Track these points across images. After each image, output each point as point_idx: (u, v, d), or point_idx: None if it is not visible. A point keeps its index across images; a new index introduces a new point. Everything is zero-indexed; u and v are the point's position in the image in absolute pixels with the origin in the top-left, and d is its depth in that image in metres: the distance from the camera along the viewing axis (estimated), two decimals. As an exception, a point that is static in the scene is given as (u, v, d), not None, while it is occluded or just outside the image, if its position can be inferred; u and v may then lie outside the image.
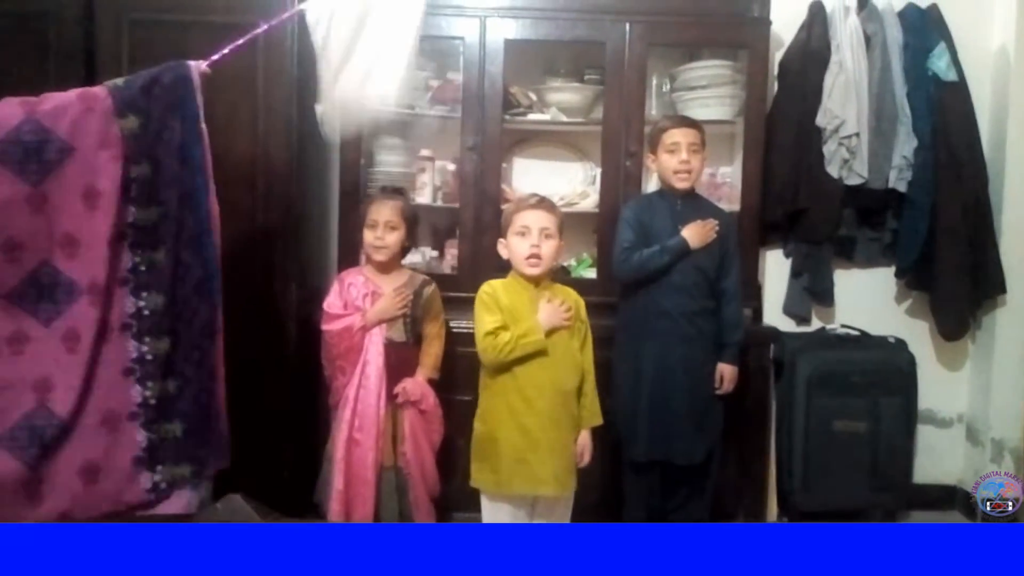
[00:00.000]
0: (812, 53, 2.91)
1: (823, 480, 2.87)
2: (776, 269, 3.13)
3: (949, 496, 3.16)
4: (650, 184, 2.89)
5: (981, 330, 3.12)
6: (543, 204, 2.24)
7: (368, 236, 2.38)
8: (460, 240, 2.87)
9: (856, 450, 2.86)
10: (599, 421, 2.30)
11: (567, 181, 3.08)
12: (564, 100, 2.97)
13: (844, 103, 2.85)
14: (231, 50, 1.94)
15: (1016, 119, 2.99)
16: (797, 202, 2.93)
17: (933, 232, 2.91)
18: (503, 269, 2.38)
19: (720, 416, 2.54)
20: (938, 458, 3.17)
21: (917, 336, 3.12)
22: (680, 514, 2.59)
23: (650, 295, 2.46)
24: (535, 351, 2.16)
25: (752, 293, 2.86)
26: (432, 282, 2.48)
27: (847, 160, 2.88)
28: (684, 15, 2.80)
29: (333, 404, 2.38)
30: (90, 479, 1.77)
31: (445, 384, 2.49)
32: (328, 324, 2.35)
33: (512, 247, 2.23)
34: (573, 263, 3.02)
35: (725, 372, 2.52)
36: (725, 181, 3.07)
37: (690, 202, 2.53)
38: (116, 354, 1.80)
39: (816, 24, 2.93)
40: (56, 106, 1.74)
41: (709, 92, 2.89)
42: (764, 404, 2.92)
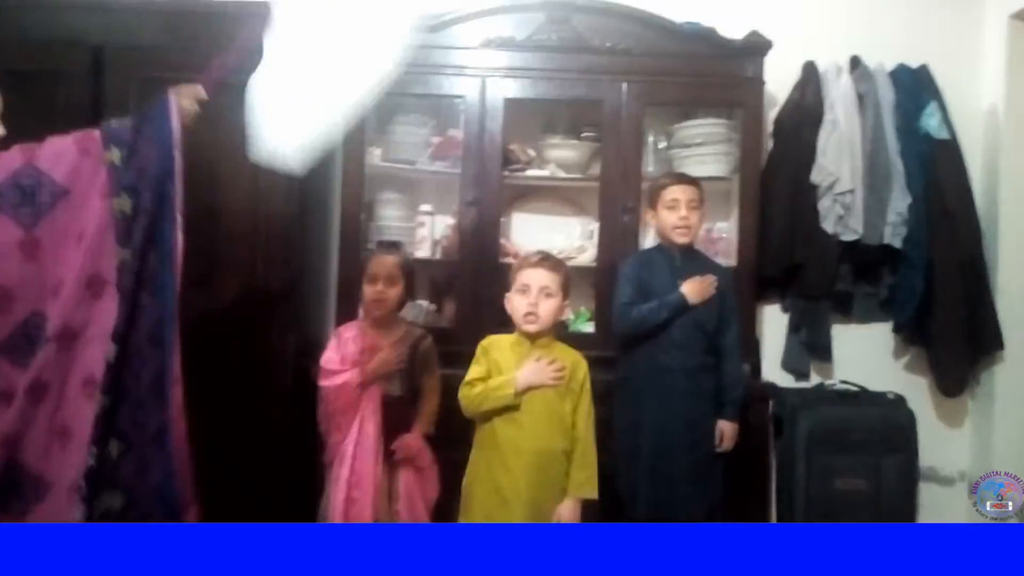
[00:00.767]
0: (806, 111, 2.97)
1: (825, 539, 2.82)
2: (774, 324, 3.14)
3: (954, 555, 3.11)
4: (647, 239, 2.91)
5: (980, 386, 3.11)
6: (545, 263, 2.25)
7: (368, 291, 2.39)
8: (459, 294, 2.88)
9: (858, 509, 2.81)
10: (590, 493, 2.19)
11: (565, 236, 3.10)
12: (562, 156, 3.02)
13: (838, 160, 2.90)
14: (219, 66, 1.92)
15: (1008, 176, 3.04)
16: (794, 257, 2.96)
17: (930, 288, 2.92)
18: (502, 324, 2.38)
19: (720, 475, 2.51)
20: (941, 517, 3.12)
21: (916, 392, 3.11)
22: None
23: (649, 351, 2.46)
24: (504, 405, 2.14)
25: (750, 348, 2.86)
26: (428, 335, 2.48)
27: (842, 216, 2.91)
28: (679, 75, 2.86)
29: (328, 462, 2.35)
30: None
31: (441, 440, 2.46)
32: (326, 380, 2.33)
33: (512, 304, 2.24)
34: (571, 317, 3.02)
35: (725, 429, 2.50)
36: (721, 236, 3.09)
37: (689, 258, 2.55)
38: (91, 413, 1.68)
39: (809, 83, 3.00)
40: (53, 150, 1.73)
41: (705, 149, 2.94)
42: (764, 461, 2.90)
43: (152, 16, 2.59)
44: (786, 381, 3.11)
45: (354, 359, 2.34)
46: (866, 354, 3.14)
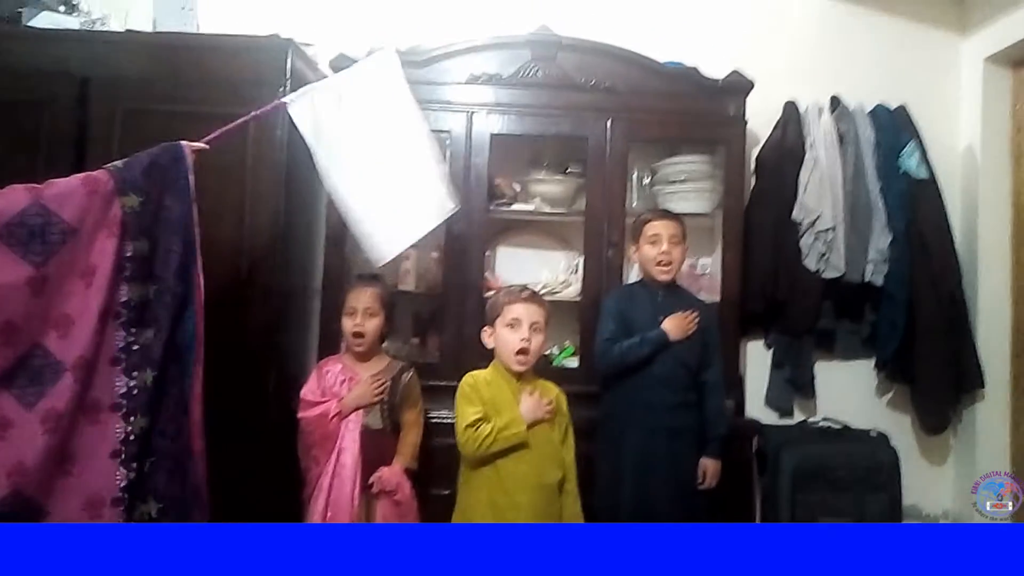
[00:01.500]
0: (787, 150, 3.01)
1: (809, 578, 2.80)
2: (757, 360, 3.15)
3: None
4: (632, 274, 2.92)
5: (962, 424, 3.12)
6: (534, 298, 2.26)
7: (347, 324, 2.38)
8: (443, 328, 2.87)
9: (842, 547, 2.80)
10: (580, 519, 2.25)
11: (550, 270, 3.11)
12: (548, 191, 3.03)
13: (819, 198, 2.93)
14: (224, 132, 2.04)
15: (986, 215, 3.09)
16: (776, 294, 2.97)
17: (911, 325, 2.95)
18: (486, 358, 2.37)
19: (703, 513, 2.48)
20: (925, 555, 3.11)
21: (899, 429, 3.12)
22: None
23: (631, 387, 2.46)
24: (516, 444, 2.13)
25: (733, 385, 2.86)
26: (411, 368, 2.46)
27: (824, 254, 2.94)
28: (663, 113, 2.89)
29: (307, 496, 2.32)
30: None
31: (422, 477, 2.43)
32: (304, 411, 2.32)
33: (500, 338, 2.23)
34: (555, 352, 3.02)
35: (708, 467, 2.48)
36: (705, 272, 3.11)
37: (671, 294, 2.56)
38: (104, 436, 1.78)
39: (791, 122, 3.04)
40: (61, 191, 1.78)
41: (688, 186, 2.97)
42: (748, 498, 2.88)
43: (137, 48, 2.60)
44: (769, 418, 3.11)
45: (333, 391, 2.33)
46: (849, 391, 3.15)
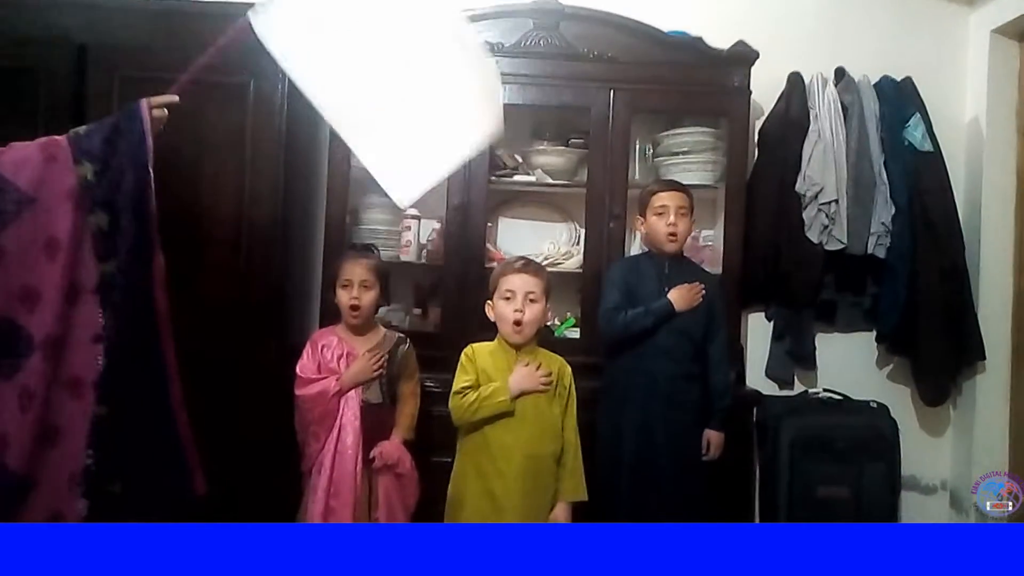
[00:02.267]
0: (791, 122, 2.99)
1: (808, 547, 2.83)
2: (758, 332, 3.15)
3: (935, 565, 3.12)
4: (634, 246, 2.91)
5: (962, 396, 3.13)
6: (529, 268, 2.25)
7: (343, 296, 2.34)
8: (443, 299, 2.87)
9: (840, 516, 2.82)
10: (581, 496, 2.24)
11: (551, 241, 3.10)
12: (549, 163, 3.02)
13: (823, 170, 2.92)
14: (194, 72, 1.87)
15: (990, 188, 3.07)
16: (778, 266, 2.97)
17: (913, 298, 2.94)
18: (487, 329, 2.37)
19: (703, 483, 2.50)
20: (923, 525, 3.14)
21: (899, 401, 3.13)
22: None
23: (635, 358, 2.46)
24: (500, 412, 2.14)
25: (735, 356, 2.86)
26: (407, 340, 2.45)
27: (827, 226, 2.93)
28: (667, 84, 2.86)
29: (305, 470, 2.31)
30: None
31: (424, 445, 2.44)
32: (302, 389, 2.29)
33: (497, 310, 2.24)
34: (557, 323, 3.02)
35: (712, 439, 2.50)
36: (707, 244, 3.10)
37: (677, 265, 2.55)
38: (85, 412, 1.76)
39: (795, 94, 3.01)
40: (17, 157, 1.71)
41: (691, 158, 2.95)
42: (747, 469, 2.90)
43: (135, 14, 2.57)
44: (770, 389, 3.12)
45: (330, 367, 2.31)
46: (849, 363, 3.15)
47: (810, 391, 3.11)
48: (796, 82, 3.03)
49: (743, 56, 2.84)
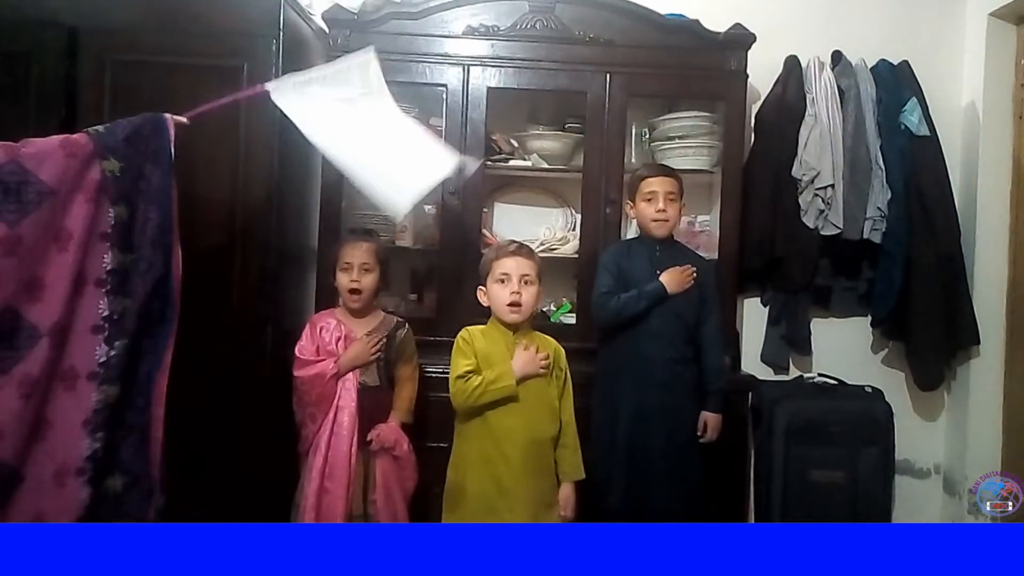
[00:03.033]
0: (788, 106, 2.98)
1: (802, 531, 2.84)
2: (754, 317, 3.16)
3: (928, 548, 3.15)
4: (630, 231, 2.91)
5: (956, 381, 3.15)
6: (522, 251, 2.25)
7: (343, 279, 2.35)
8: (439, 284, 2.87)
9: (834, 500, 2.84)
10: (581, 475, 2.26)
11: (547, 227, 3.10)
12: (545, 147, 3.01)
13: (819, 155, 2.91)
14: (211, 108, 2.03)
15: (986, 173, 3.07)
16: (774, 251, 2.97)
17: (908, 283, 2.95)
18: (482, 314, 2.37)
19: (698, 466, 2.51)
20: (916, 509, 3.16)
21: (893, 386, 3.14)
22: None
23: (628, 341, 2.46)
24: (505, 397, 2.14)
25: (730, 341, 2.87)
26: (405, 324, 2.46)
27: (822, 211, 2.93)
28: (663, 67, 2.85)
29: (303, 451, 2.33)
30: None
31: (420, 431, 2.45)
32: (300, 370, 2.31)
33: (492, 294, 2.23)
34: (552, 309, 3.02)
35: (709, 421, 2.51)
36: (704, 229, 3.10)
37: (669, 249, 2.55)
38: (79, 404, 1.76)
39: (792, 78, 3.00)
40: (39, 151, 1.75)
41: (687, 142, 2.94)
42: (742, 453, 2.91)
43: (128, -3, 2.54)
44: (765, 374, 3.13)
45: (329, 349, 2.32)
46: (844, 348, 3.16)
47: (805, 376, 3.12)
48: (793, 66, 3.02)
49: (740, 39, 2.83)
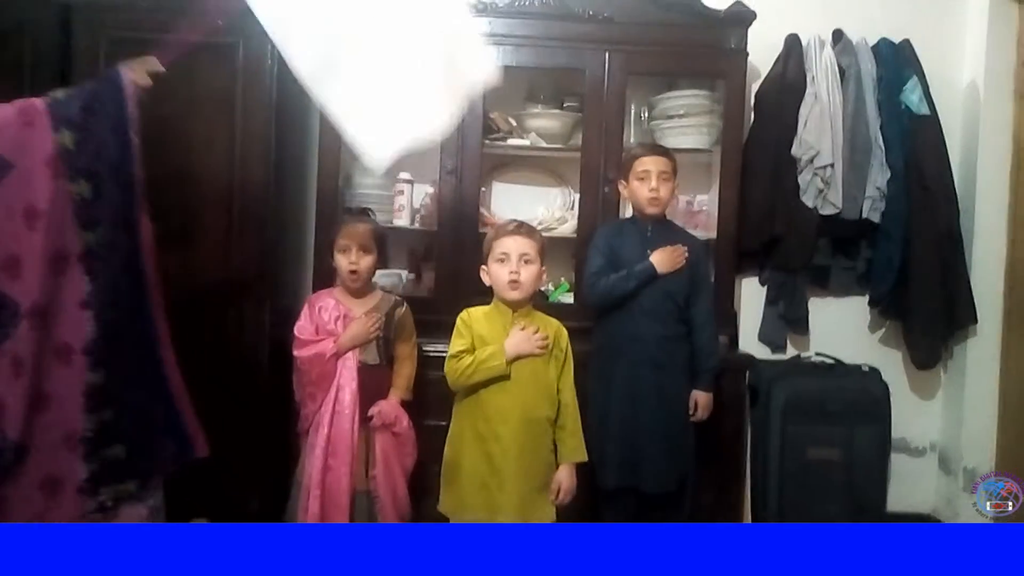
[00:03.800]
0: (788, 84, 2.96)
1: (797, 508, 2.86)
2: (752, 297, 3.16)
3: (922, 525, 3.18)
4: (628, 210, 2.90)
5: (953, 359, 3.15)
6: (522, 230, 2.24)
7: (341, 261, 2.34)
8: (437, 263, 2.86)
9: (831, 478, 2.86)
10: (582, 457, 2.26)
11: (546, 206, 3.09)
12: (544, 126, 2.99)
13: (819, 134, 2.89)
14: (182, 46, 1.87)
15: (986, 153, 3.06)
16: (773, 230, 2.96)
17: (906, 262, 2.94)
18: (481, 293, 2.37)
19: (691, 443, 2.52)
20: (911, 487, 3.18)
21: (890, 364, 3.14)
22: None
23: (621, 320, 2.46)
24: (496, 376, 2.15)
25: (728, 320, 2.87)
26: (404, 303, 2.46)
27: (822, 190, 2.92)
28: (662, 45, 2.83)
29: (303, 430, 2.34)
30: (51, 493, 1.75)
31: (419, 408, 2.46)
32: (299, 350, 2.31)
33: (493, 273, 2.23)
34: (551, 288, 3.02)
35: (699, 399, 2.51)
36: (702, 209, 3.09)
37: (661, 228, 2.54)
38: (77, 378, 1.77)
39: (792, 56, 2.98)
40: None
41: (687, 121, 2.92)
42: (739, 431, 2.92)
43: (122, -28, 2.52)
44: (763, 353, 3.13)
45: (328, 329, 2.32)
46: (842, 327, 3.17)
47: (802, 355, 3.13)
48: (793, 44, 3.00)
49: (740, 17, 2.81)
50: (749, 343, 3.13)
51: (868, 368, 3.04)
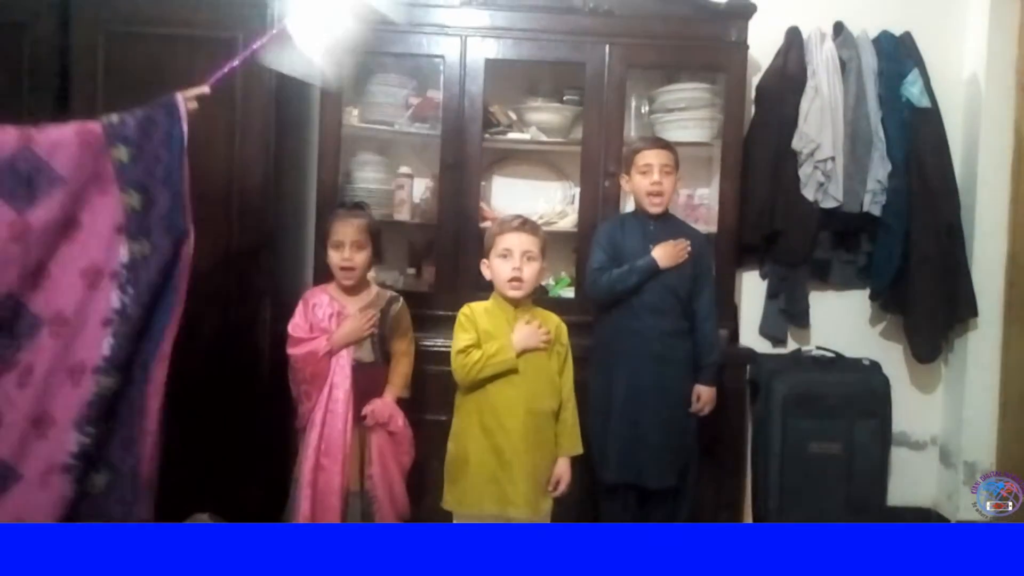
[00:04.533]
0: (789, 78, 2.95)
1: (798, 502, 2.87)
2: (753, 291, 3.16)
3: (923, 519, 3.18)
4: (628, 204, 2.89)
5: (953, 353, 3.16)
6: (526, 226, 2.23)
7: (334, 257, 2.30)
8: (437, 258, 2.86)
9: (831, 472, 2.86)
10: (579, 450, 2.27)
11: (546, 200, 3.08)
12: (544, 120, 2.98)
13: (820, 127, 2.89)
14: (229, 72, 1.97)
15: (987, 146, 3.05)
16: (773, 224, 2.96)
17: (907, 256, 2.94)
18: (481, 288, 2.36)
19: (693, 439, 2.52)
20: (912, 481, 3.19)
21: (891, 358, 3.15)
22: (656, 537, 2.57)
23: (622, 315, 2.46)
24: (505, 370, 2.15)
25: (729, 314, 2.87)
26: (400, 298, 2.42)
27: (822, 183, 2.91)
28: (663, 38, 2.82)
29: (300, 427, 2.32)
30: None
31: (419, 404, 2.45)
32: (293, 348, 2.28)
33: (495, 269, 2.22)
34: (551, 282, 3.01)
35: (702, 393, 2.51)
36: (703, 203, 3.09)
37: (663, 223, 2.53)
38: (77, 398, 1.73)
39: (793, 49, 2.97)
40: (53, 139, 1.73)
41: (687, 114, 2.91)
42: (740, 426, 2.92)
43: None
44: (763, 347, 3.13)
45: (322, 326, 2.29)
46: (843, 320, 3.17)
47: (803, 349, 3.13)
48: (794, 37, 2.99)
49: (741, 9, 2.80)
50: (750, 337, 3.12)
51: (869, 362, 3.04)
